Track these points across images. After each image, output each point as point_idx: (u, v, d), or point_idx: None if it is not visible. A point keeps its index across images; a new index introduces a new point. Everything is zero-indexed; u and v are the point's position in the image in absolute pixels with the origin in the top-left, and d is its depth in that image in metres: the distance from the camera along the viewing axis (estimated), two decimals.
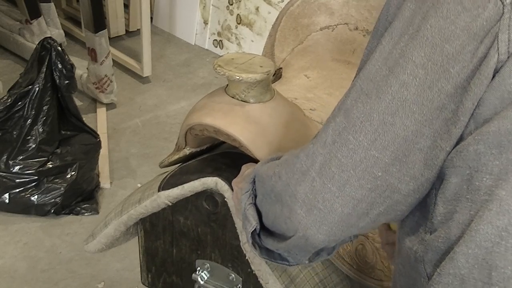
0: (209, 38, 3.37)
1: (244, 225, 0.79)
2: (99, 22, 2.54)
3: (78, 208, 2.16)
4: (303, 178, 0.66)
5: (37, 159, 2.07)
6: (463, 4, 0.58)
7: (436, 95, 0.60)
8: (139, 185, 2.29)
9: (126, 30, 3.41)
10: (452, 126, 0.61)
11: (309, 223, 0.66)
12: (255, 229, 0.78)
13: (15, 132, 2.04)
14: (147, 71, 2.98)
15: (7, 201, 2.08)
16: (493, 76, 0.59)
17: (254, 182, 0.79)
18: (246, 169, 0.93)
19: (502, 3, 0.58)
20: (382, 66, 0.63)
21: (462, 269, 0.59)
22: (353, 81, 0.68)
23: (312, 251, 0.75)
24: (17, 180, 2.06)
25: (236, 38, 3.24)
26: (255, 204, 0.79)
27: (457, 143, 0.62)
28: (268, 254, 0.80)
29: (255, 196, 0.79)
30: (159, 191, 1.09)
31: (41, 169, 2.06)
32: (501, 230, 0.57)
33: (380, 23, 0.68)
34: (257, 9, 3.08)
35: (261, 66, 1.00)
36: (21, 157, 2.05)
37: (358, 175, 0.63)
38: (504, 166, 0.58)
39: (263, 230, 0.78)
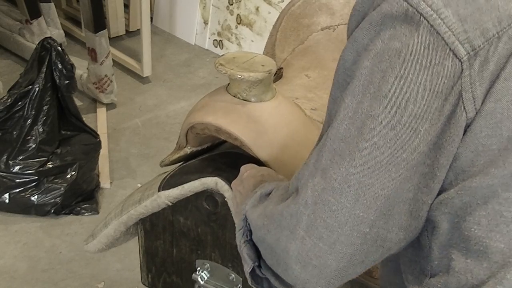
0: (209, 38, 3.37)
1: (243, 263, 0.78)
2: (99, 22, 2.53)
3: (78, 208, 2.16)
4: (293, 236, 0.65)
5: (37, 159, 2.06)
6: (420, 62, 0.57)
7: (410, 154, 0.59)
8: (139, 185, 2.28)
9: (126, 30, 3.41)
10: (430, 181, 0.61)
11: (306, 278, 0.66)
12: (253, 267, 0.76)
13: (15, 132, 2.04)
14: (147, 71, 2.97)
15: (7, 201, 2.08)
16: (465, 131, 0.59)
17: (246, 219, 0.78)
18: (245, 171, 0.92)
19: (460, 60, 0.56)
20: (350, 126, 0.61)
21: None
22: (323, 135, 0.67)
23: None
24: (17, 180, 2.06)
25: (236, 38, 3.24)
26: (251, 240, 0.77)
27: (440, 192, 0.62)
28: (270, 286, 0.78)
29: (250, 231, 0.77)
30: (159, 191, 1.09)
31: (41, 169, 2.06)
32: (497, 283, 0.58)
33: (339, 74, 0.66)
34: (257, 9, 3.08)
35: (262, 65, 1.00)
36: (21, 157, 2.05)
37: (346, 233, 0.62)
38: (493, 217, 0.58)
39: (263, 261, 0.76)
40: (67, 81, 2.07)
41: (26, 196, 2.07)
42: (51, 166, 2.08)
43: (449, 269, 0.62)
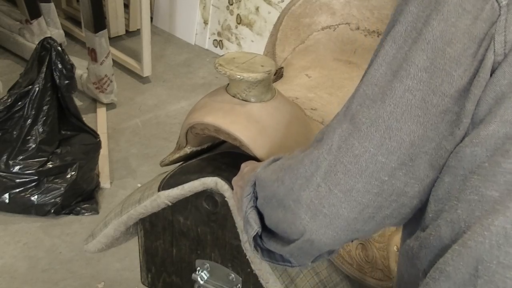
0: (209, 38, 3.37)
1: (246, 228, 0.79)
2: (99, 22, 2.53)
3: (78, 208, 2.16)
4: (307, 184, 0.66)
5: (37, 159, 2.06)
6: (463, 6, 0.58)
7: (440, 99, 0.60)
8: (139, 185, 2.28)
9: (126, 30, 3.41)
10: (456, 128, 0.61)
11: (314, 228, 0.66)
12: (257, 232, 0.77)
13: (15, 132, 2.04)
14: (147, 71, 2.97)
15: (7, 201, 2.08)
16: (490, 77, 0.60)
17: (255, 185, 0.79)
18: (245, 167, 0.93)
19: (499, 4, 0.58)
20: (387, 70, 0.62)
21: (448, 265, 0.60)
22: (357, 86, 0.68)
23: (316, 254, 0.75)
24: (17, 180, 2.06)
25: (236, 38, 3.24)
26: (256, 207, 0.78)
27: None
28: (270, 256, 0.79)
29: (256, 199, 0.78)
30: (159, 191, 1.09)
31: (41, 169, 2.06)
32: (484, 230, 0.58)
33: (387, 28, 0.67)
34: (257, 9, 3.08)
35: (262, 66, 1.00)
36: (21, 157, 2.05)
37: (364, 180, 0.63)
38: (492, 167, 0.59)
39: (265, 232, 0.78)
40: (67, 81, 2.07)
41: (26, 196, 2.07)
42: (51, 166, 2.08)
43: (440, 221, 0.63)
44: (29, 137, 2.05)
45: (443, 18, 0.59)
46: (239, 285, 1.09)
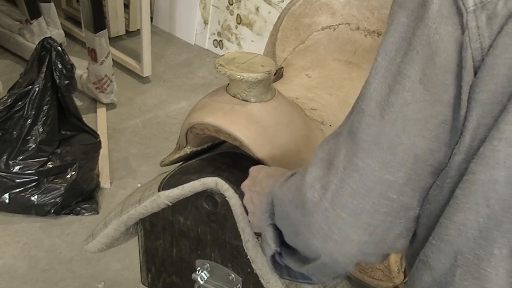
0: (209, 38, 3.37)
1: (264, 247, 0.78)
2: (99, 22, 2.53)
3: (78, 208, 2.16)
4: (316, 209, 0.65)
5: (37, 159, 2.06)
6: (442, 12, 0.58)
7: (438, 110, 0.59)
8: (139, 185, 2.28)
9: (126, 30, 3.41)
10: (456, 136, 0.61)
11: (326, 254, 0.66)
12: (275, 251, 0.77)
13: (15, 132, 2.04)
14: (147, 71, 2.97)
15: (7, 201, 2.08)
16: None
17: (272, 203, 0.78)
18: (257, 174, 0.90)
19: (466, 9, 0.57)
20: (381, 84, 0.61)
21: (429, 257, 0.63)
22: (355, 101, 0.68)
23: (333, 275, 0.74)
24: (17, 180, 2.06)
25: (236, 38, 3.24)
26: (274, 225, 0.77)
27: None
28: (290, 273, 0.79)
29: (273, 215, 0.77)
30: (159, 191, 1.09)
31: (41, 169, 2.06)
32: (459, 225, 0.59)
33: None
34: (257, 9, 3.08)
35: (262, 66, 1.00)
36: (21, 157, 2.05)
37: (372, 200, 0.62)
38: (462, 172, 0.59)
39: (284, 248, 0.77)
40: (67, 81, 2.07)
41: (26, 196, 2.07)
42: (51, 166, 2.08)
43: (420, 220, 0.64)
44: (29, 137, 2.05)
45: (426, 25, 0.58)
46: (239, 285, 1.09)
